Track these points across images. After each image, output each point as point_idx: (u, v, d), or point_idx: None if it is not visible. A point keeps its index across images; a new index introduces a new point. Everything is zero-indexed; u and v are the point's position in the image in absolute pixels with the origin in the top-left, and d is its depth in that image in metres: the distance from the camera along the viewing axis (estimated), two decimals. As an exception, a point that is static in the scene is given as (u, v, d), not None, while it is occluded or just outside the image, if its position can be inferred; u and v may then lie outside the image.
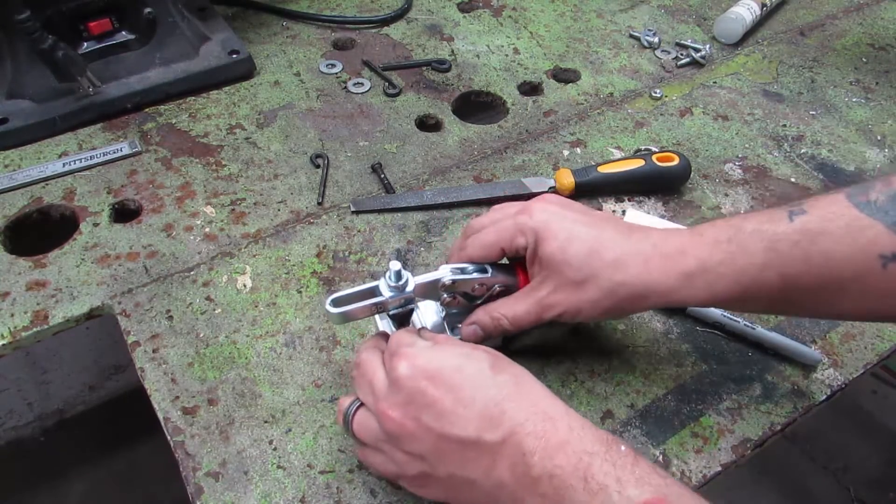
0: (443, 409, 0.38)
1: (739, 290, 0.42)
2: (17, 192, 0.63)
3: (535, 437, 0.36)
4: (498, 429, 0.37)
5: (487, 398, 0.38)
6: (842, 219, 0.40)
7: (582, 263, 0.44)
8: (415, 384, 0.39)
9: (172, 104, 0.73)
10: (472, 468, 0.38)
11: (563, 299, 0.45)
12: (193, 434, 0.47)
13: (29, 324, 0.53)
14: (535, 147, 0.72)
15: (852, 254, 0.39)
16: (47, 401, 1.32)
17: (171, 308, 0.55)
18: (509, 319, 0.47)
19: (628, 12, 0.93)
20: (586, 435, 0.36)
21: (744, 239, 0.42)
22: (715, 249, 0.42)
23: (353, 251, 0.60)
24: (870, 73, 0.84)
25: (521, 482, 0.36)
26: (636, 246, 0.44)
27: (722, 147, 0.73)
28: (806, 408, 0.51)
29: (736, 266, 0.42)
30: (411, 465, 0.40)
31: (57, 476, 1.23)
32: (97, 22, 0.68)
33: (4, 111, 0.67)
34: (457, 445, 0.38)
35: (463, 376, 0.39)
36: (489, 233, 0.48)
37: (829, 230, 0.40)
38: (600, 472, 0.34)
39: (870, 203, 0.40)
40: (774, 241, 0.41)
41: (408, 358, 0.40)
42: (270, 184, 0.66)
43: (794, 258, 0.40)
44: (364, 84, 0.77)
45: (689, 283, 0.43)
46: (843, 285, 0.40)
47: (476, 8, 0.92)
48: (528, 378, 0.40)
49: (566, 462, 0.35)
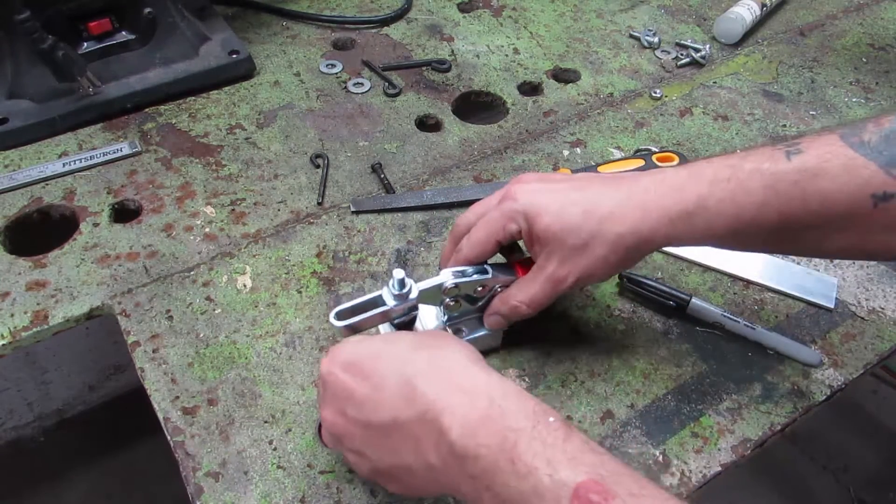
0: (361, 397, 0.37)
1: (737, 226, 0.42)
2: (17, 192, 0.63)
3: (450, 414, 0.34)
4: (412, 407, 0.35)
5: (400, 378, 0.37)
6: (838, 159, 0.40)
7: (580, 227, 0.43)
8: (334, 378, 0.38)
9: (172, 104, 0.73)
10: (403, 453, 0.36)
11: (573, 267, 0.44)
12: (193, 434, 0.47)
13: (29, 324, 0.53)
14: (535, 147, 0.72)
15: (847, 193, 0.40)
16: (47, 401, 1.31)
17: (171, 308, 0.55)
18: (527, 303, 0.46)
19: (628, 12, 0.93)
20: (509, 407, 0.34)
21: (743, 177, 0.42)
22: (714, 187, 0.42)
23: (353, 251, 0.60)
24: (870, 73, 0.84)
25: (448, 463, 0.34)
26: (628, 193, 0.44)
27: (722, 147, 0.73)
28: (806, 408, 0.51)
29: (735, 204, 0.42)
30: (360, 463, 0.39)
31: (57, 476, 1.23)
32: (97, 22, 0.68)
33: (4, 111, 0.67)
34: (381, 432, 0.37)
35: (378, 361, 0.38)
36: (479, 229, 0.47)
37: (826, 170, 0.40)
38: (528, 452, 0.32)
39: (864, 143, 0.40)
40: (774, 179, 0.41)
41: (330, 354, 0.39)
42: (270, 184, 0.66)
43: (793, 197, 0.41)
44: (364, 84, 0.77)
45: (689, 220, 0.42)
46: (835, 223, 0.41)
47: (476, 8, 0.92)
48: (450, 352, 0.38)
49: (490, 440, 0.33)
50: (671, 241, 0.43)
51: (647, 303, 0.57)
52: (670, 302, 0.56)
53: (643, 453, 0.48)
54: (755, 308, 0.58)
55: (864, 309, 0.59)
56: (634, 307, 0.57)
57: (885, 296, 0.60)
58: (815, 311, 0.58)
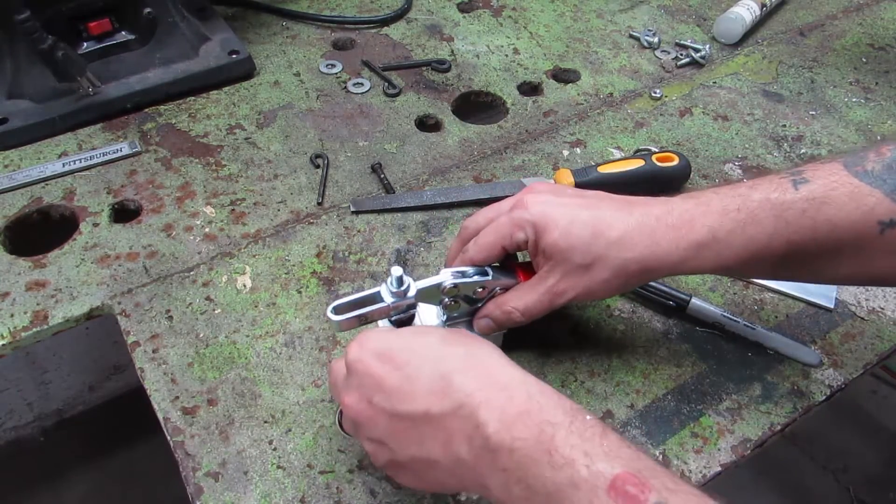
0: (391, 387, 0.37)
1: (746, 256, 0.43)
2: (17, 192, 0.63)
3: (489, 407, 0.34)
4: (445, 400, 0.36)
5: (434, 371, 0.37)
6: (844, 187, 0.42)
7: (587, 247, 0.43)
8: (363, 366, 0.38)
9: (172, 104, 0.73)
10: (430, 446, 0.36)
11: (574, 284, 0.45)
12: (193, 434, 0.47)
13: (29, 324, 0.53)
14: (535, 147, 0.72)
15: (854, 220, 0.41)
16: (47, 401, 1.31)
17: (170, 308, 0.55)
18: (521, 311, 0.46)
19: (628, 12, 0.93)
20: (548, 403, 0.35)
21: (753, 207, 0.43)
22: (725, 219, 0.43)
23: (353, 251, 0.60)
24: (870, 73, 0.84)
25: (480, 456, 0.34)
26: (639, 220, 0.44)
27: (722, 147, 0.73)
28: (806, 408, 0.51)
29: (746, 234, 0.42)
30: (378, 452, 0.39)
31: (57, 476, 1.23)
32: (97, 22, 0.68)
33: (4, 111, 0.67)
34: (409, 423, 0.37)
35: (411, 352, 0.38)
36: (488, 233, 0.47)
37: (833, 198, 0.41)
38: (566, 445, 0.32)
39: (867, 172, 0.42)
40: (783, 209, 0.42)
41: (359, 341, 0.40)
42: (270, 184, 0.66)
43: (803, 225, 0.42)
44: (364, 84, 0.77)
45: (699, 253, 0.43)
46: (843, 250, 0.42)
47: (476, 8, 0.92)
48: (484, 350, 0.39)
49: (527, 434, 0.33)
50: (678, 270, 0.44)
51: (647, 303, 0.57)
52: (670, 302, 0.56)
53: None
54: (755, 308, 0.58)
55: (864, 309, 0.59)
56: (634, 307, 0.57)
57: (885, 296, 0.60)
58: (815, 311, 0.58)
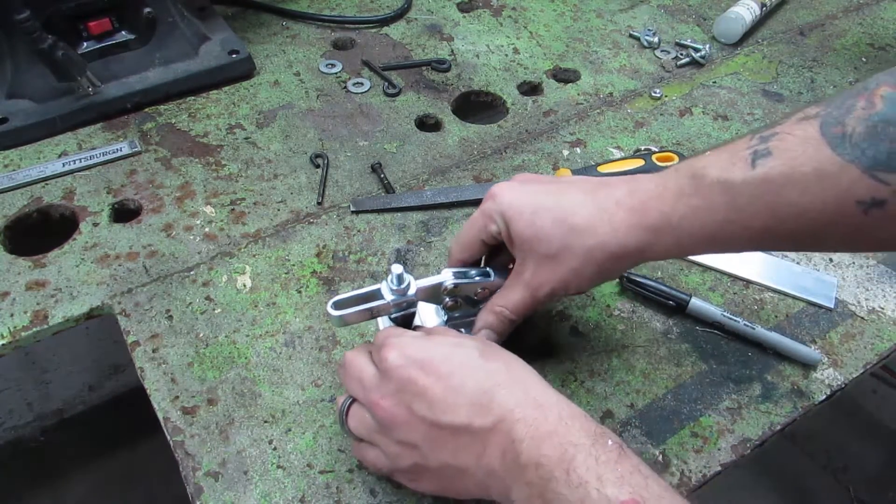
0: (434, 396, 0.38)
1: (707, 240, 0.41)
2: (17, 192, 0.63)
3: (525, 425, 0.36)
4: (488, 415, 0.37)
5: (478, 385, 0.38)
6: (811, 162, 0.36)
7: (550, 236, 0.43)
8: (405, 373, 0.39)
9: (172, 104, 0.73)
10: (463, 456, 0.37)
11: (548, 276, 0.44)
12: (193, 434, 0.47)
13: (29, 324, 0.53)
14: (535, 147, 0.72)
15: (826, 203, 0.36)
16: (47, 401, 1.31)
17: (170, 308, 0.55)
18: (510, 309, 0.46)
19: (628, 12, 0.93)
20: (574, 425, 0.36)
21: (706, 192, 0.39)
22: (678, 203, 0.40)
23: (353, 251, 0.60)
24: (869, 73, 0.84)
25: (510, 469, 0.36)
26: (601, 205, 0.43)
27: (722, 147, 0.73)
28: (806, 408, 0.51)
29: (699, 220, 0.40)
30: (405, 455, 0.40)
31: (57, 476, 1.23)
32: (97, 22, 0.68)
33: (4, 111, 0.67)
34: (449, 433, 0.37)
35: (453, 364, 0.39)
36: (465, 230, 0.47)
37: (796, 179, 0.36)
38: (582, 467, 0.34)
39: (845, 137, 0.35)
40: (734, 194, 0.38)
41: (397, 348, 0.40)
42: (270, 184, 0.66)
43: (758, 211, 0.38)
44: (364, 84, 0.77)
45: (658, 238, 0.41)
46: (819, 233, 0.38)
47: (476, 8, 0.92)
48: (519, 366, 0.40)
49: (552, 452, 0.35)
50: (647, 256, 0.43)
51: (647, 303, 0.57)
52: (670, 302, 0.56)
53: (643, 453, 0.48)
54: (755, 308, 0.58)
55: (864, 309, 0.59)
56: (634, 307, 0.57)
57: (885, 295, 0.60)
58: (815, 310, 0.58)
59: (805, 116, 0.38)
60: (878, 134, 0.35)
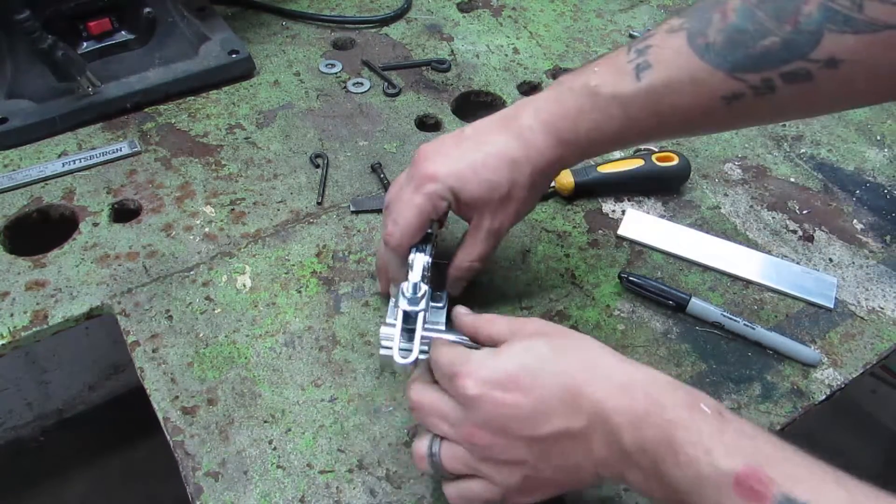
0: (525, 413, 0.37)
1: (608, 144, 0.49)
2: (17, 192, 0.63)
3: (618, 413, 0.36)
4: (581, 413, 0.37)
5: (562, 387, 0.37)
6: (685, 71, 0.44)
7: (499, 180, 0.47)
8: (489, 398, 0.38)
9: (172, 104, 0.73)
10: (573, 456, 0.38)
11: (505, 216, 0.49)
12: (193, 434, 0.47)
13: (28, 324, 0.53)
14: (535, 147, 0.72)
15: (699, 100, 0.44)
16: (47, 401, 1.31)
17: (170, 308, 0.55)
18: (478, 260, 0.51)
19: (628, 12, 0.93)
20: (666, 400, 0.35)
21: (604, 106, 0.46)
22: (581, 119, 0.46)
23: (353, 251, 0.60)
24: None
25: (619, 457, 0.36)
26: (520, 135, 0.48)
27: (721, 147, 0.73)
28: (805, 407, 0.51)
29: (602, 131, 0.47)
30: (514, 472, 0.39)
31: (57, 476, 1.22)
32: (97, 22, 0.68)
33: (4, 111, 0.67)
34: (551, 441, 0.37)
35: (530, 372, 0.38)
36: (409, 216, 0.47)
37: (675, 86, 0.44)
38: (687, 443, 0.33)
39: (709, 47, 0.43)
40: (626, 104, 0.45)
41: (471, 376, 0.39)
42: (270, 184, 0.66)
43: (648, 117, 0.45)
44: (364, 84, 0.77)
45: (569, 149, 0.48)
46: (693, 125, 0.48)
47: (476, 8, 0.92)
48: (589, 347, 0.40)
49: (653, 434, 0.35)
50: (564, 163, 0.49)
51: (647, 303, 0.57)
52: (670, 302, 0.56)
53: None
54: (755, 308, 0.58)
55: (864, 308, 0.59)
56: (634, 307, 0.57)
57: (885, 295, 0.60)
58: (815, 310, 0.58)
59: (671, 29, 0.45)
60: (735, 42, 0.42)
